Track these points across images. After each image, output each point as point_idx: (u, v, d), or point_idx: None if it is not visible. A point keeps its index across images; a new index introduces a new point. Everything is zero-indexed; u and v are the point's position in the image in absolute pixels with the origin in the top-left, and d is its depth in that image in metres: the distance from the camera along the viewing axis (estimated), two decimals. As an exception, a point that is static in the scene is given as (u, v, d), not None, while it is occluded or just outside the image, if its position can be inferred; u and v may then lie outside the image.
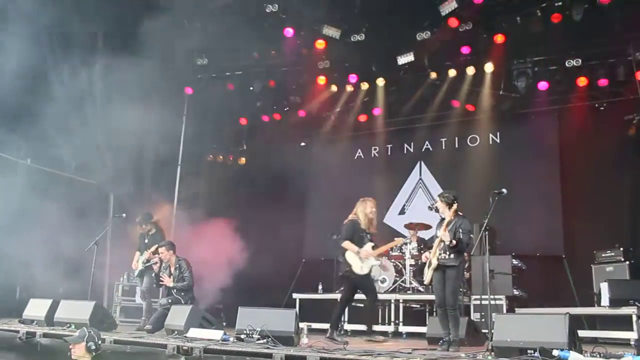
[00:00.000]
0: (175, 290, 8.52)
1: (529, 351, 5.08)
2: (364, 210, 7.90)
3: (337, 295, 10.50)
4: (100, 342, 5.75)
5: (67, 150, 11.63)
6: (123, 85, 11.81)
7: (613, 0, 9.82)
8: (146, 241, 9.26)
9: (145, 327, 8.33)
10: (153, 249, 9.05)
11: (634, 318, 7.90)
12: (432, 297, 9.02)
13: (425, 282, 7.48)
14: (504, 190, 6.86)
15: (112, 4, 10.95)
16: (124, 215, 9.68)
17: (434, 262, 6.83)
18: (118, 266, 11.24)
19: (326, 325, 10.19)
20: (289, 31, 11.80)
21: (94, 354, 5.58)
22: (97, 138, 11.84)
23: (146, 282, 9.16)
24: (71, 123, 11.32)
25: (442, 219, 7.07)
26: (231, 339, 6.54)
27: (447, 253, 6.79)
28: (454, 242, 6.68)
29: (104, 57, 11.72)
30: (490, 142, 12.66)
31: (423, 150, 13.33)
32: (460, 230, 6.76)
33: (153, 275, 8.97)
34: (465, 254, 10.10)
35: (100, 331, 6.05)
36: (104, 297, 11.53)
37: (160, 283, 8.72)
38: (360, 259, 7.68)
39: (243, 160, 14.65)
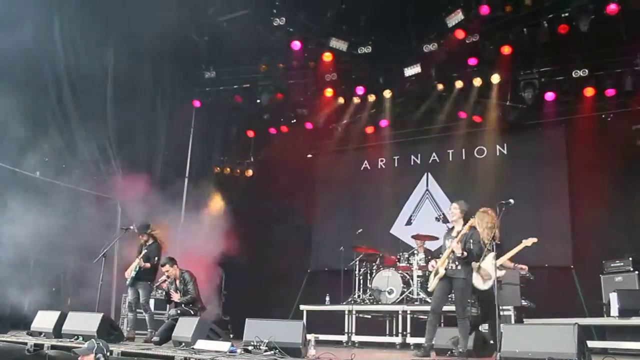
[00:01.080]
0: (182, 305, 8.52)
1: (537, 362, 5.05)
2: (482, 223, 7.35)
3: (345, 307, 10.50)
4: (108, 353, 5.76)
5: (75, 162, 11.72)
6: (131, 98, 11.94)
7: (619, 10, 9.85)
8: (144, 251, 9.24)
9: (152, 339, 8.32)
10: (143, 254, 9.04)
11: (644, 328, 7.86)
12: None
13: (429, 290, 7.42)
14: (512, 201, 6.87)
15: (120, 17, 11.07)
16: (131, 227, 9.66)
17: (442, 272, 6.84)
18: (125, 278, 11.25)
19: (335, 337, 10.26)
20: (296, 44, 11.89)
21: (102, 365, 5.59)
22: (106, 150, 11.90)
23: (143, 294, 9.11)
24: (80, 136, 11.42)
25: (451, 229, 7.09)
26: (238, 350, 6.52)
27: (456, 264, 6.85)
28: (465, 253, 6.71)
29: (112, 71, 11.83)
30: (498, 154, 12.68)
31: (430, 161, 13.36)
32: (471, 241, 6.86)
33: (164, 293, 8.95)
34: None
35: (108, 343, 6.05)
36: (112, 309, 11.54)
37: (170, 300, 8.73)
38: (481, 275, 7.25)
39: (250, 172, 14.69)
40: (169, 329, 7.96)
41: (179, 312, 8.31)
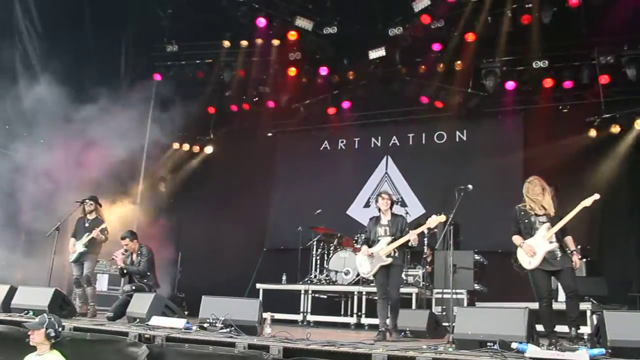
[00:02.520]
0: (137, 278, 8.39)
1: (488, 344, 5.19)
2: (525, 193, 6.71)
3: (301, 287, 10.55)
4: (60, 329, 5.63)
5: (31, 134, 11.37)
6: (90, 70, 11.61)
7: (580, 4, 10.06)
8: (87, 225, 9.01)
9: (106, 315, 8.18)
10: (103, 226, 8.83)
11: (588, 313, 8.16)
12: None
13: (370, 276, 7.50)
14: (470, 186, 6.99)
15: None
16: (86, 201, 9.45)
17: (388, 260, 7.05)
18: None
19: (290, 316, 10.31)
20: (262, 21, 11.76)
21: (52, 341, 5.46)
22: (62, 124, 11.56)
23: (88, 267, 8.88)
24: (33, 108, 11.06)
25: (377, 217, 7.43)
26: (194, 327, 6.49)
27: (394, 251, 7.09)
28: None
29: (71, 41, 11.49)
30: (457, 140, 12.83)
31: (390, 144, 13.42)
32: (407, 229, 7.16)
33: (119, 267, 8.77)
34: (429, 250, 10.30)
35: (60, 318, 5.93)
36: (65, 283, 11.30)
37: (125, 274, 8.55)
38: (524, 252, 6.54)
39: (209, 149, 14.52)
40: (123, 305, 7.84)
41: (133, 287, 8.19)
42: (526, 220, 6.56)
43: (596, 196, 6.37)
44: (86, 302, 8.95)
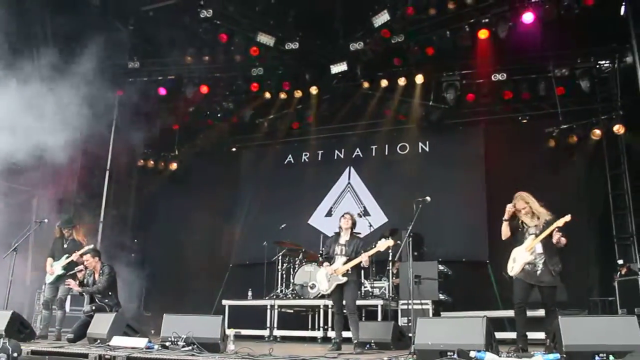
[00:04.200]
0: (98, 297, 8.25)
1: (448, 353, 5.26)
2: (517, 207, 6.93)
3: (267, 302, 10.51)
4: (15, 354, 5.51)
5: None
6: (51, 86, 11.45)
7: (535, 20, 10.35)
8: (65, 246, 8.86)
9: (67, 337, 8.02)
10: (83, 250, 8.66)
11: (549, 319, 8.30)
12: (361, 303, 9.23)
13: (327, 292, 7.72)
14: (428, 198, 7.07)
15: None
16: (46, 220, 9.24)
17: (344, 279, 7.43)
18: (40, 274, 10.80)
19: (256, 332, 10.25)
20: (223, 37, 11.75)
21: (6, 366, 5.35)
22: (23, 140, 11.35)
23: (63, 290, 8.73)
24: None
25: (338, 234, 7.84)
26: (156, 346, 6.41)
27: (348, 270, 7.47)
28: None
29: (31, 59, 11.32)
30: (420, 151, 12.99)
31: (354, 156, 13.52)
32: (361, 251, 7.48)
33: (78, 283, 8.60)
34: (398, 262, 10.40)
35: (18, 342, 5.80)
36: (24, 306, 11.04)
37: (66, 285, 8.41)
38: (513, 259, 6.80)
39: (174, 165, 14.41)
40: (83, 326, 7.72)
41: (93, 308, 8.05)
42: (519, 229, 6.85)
43: (567, 217, 6.46)
44: (49, 324, 8.77)
